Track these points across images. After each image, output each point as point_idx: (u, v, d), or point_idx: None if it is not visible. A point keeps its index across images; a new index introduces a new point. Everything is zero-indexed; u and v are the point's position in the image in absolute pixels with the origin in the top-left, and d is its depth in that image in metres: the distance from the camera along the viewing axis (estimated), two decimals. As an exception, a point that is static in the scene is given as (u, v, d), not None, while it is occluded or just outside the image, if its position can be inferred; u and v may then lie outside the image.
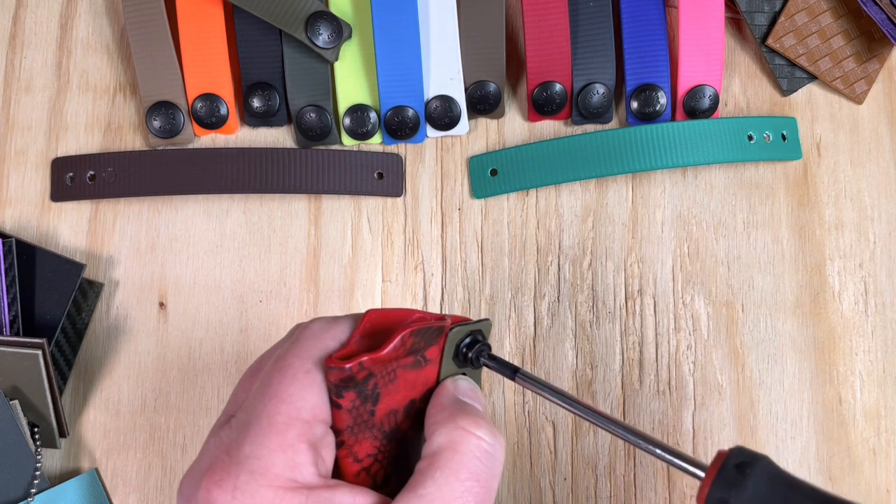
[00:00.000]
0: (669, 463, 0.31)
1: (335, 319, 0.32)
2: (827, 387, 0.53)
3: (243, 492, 0.28)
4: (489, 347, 0.34)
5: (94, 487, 0.51)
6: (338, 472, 0.32)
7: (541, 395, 0.34)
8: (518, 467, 0.52)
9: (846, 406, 0.53)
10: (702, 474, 0.30)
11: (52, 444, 0.50)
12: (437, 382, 0.33)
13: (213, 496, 0.28)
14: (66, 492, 0.50)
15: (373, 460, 0.32)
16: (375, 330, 0.32)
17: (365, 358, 0.30)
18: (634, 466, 0.52)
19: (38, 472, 0.48)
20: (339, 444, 0.31)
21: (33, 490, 0.48)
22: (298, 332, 0.32)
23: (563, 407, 0.33)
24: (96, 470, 0.51)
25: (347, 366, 0.29)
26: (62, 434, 0.50)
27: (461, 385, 0.33)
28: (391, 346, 0.30)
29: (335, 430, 0.31)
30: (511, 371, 0.34)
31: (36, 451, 0.49)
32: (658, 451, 0.31)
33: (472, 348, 0.34)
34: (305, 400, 0.30)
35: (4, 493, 0.47)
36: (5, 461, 0.47)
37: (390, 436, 0.32)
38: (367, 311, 0.32)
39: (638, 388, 0.52)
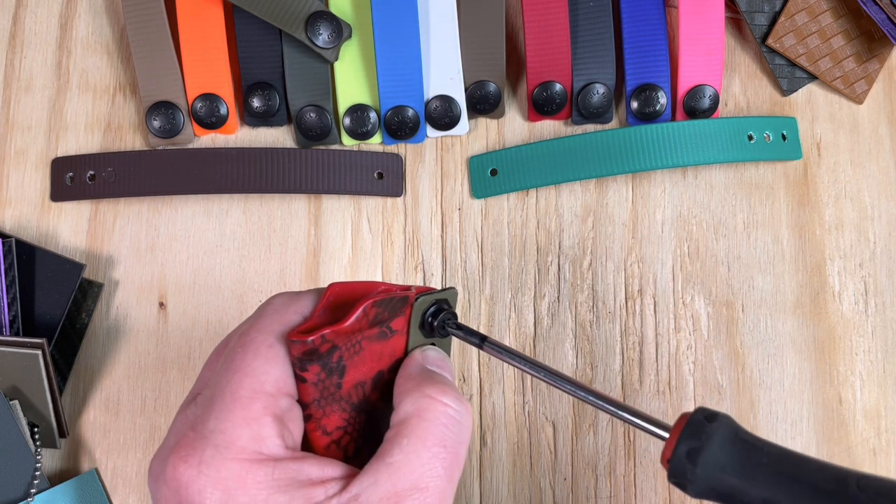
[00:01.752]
0: (635, 425, 0.31)
1: (298, 294, 0.32)
2: (827, 387, 0.53)
3: (209, 466, 0.28)
4: (455, 316, 0.34)
5: (94, 487, 0.51)
6: (307, 446, 0.32)
7: (508, 362, 0.34)
8: (518, 467, 0.52)
9: (846, 406, 0.53)
10: (666, 435, 0.31)
11: (51, 444, 0.50)
12: (406, 353, 0.33)
13: (180, 472, 0.28)
14: (66, 492, 0.50)
15: (342, 433, 0.32)
16: (339, 303, 0.32)
17: (327, 331, 0.30)
18: (634, 466, 0.52)
19: (37, 472, 0.48)
20: (307, 418, 0.31)
21: (33, 490, 0.48)
22: (261, 308, 0.32)
23: (530, 373, 0.33)
24: (96, 470, 0.51)
25: (309, 339, 0.29)
26: (62, 434, 0.50)
27: (429, 355, 0.33)
28: (353, 317, 0.30)
29: (302, 403, 0.31)
30: (478, 339, 0.34)
31: (36, 451, 0.49)
32: (624, 414, 0.32)
33: (438, 317, 0.34)
34: (268, 374, 0.30)
35: (4, 493, 0.47)
36: (5, 461, 0.47)
37: (359, 408, 0.32)
38: (330, 285, 0.32)
39: (638, 388, 0.52)
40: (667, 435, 0.31)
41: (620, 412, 0.32)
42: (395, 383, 0.32)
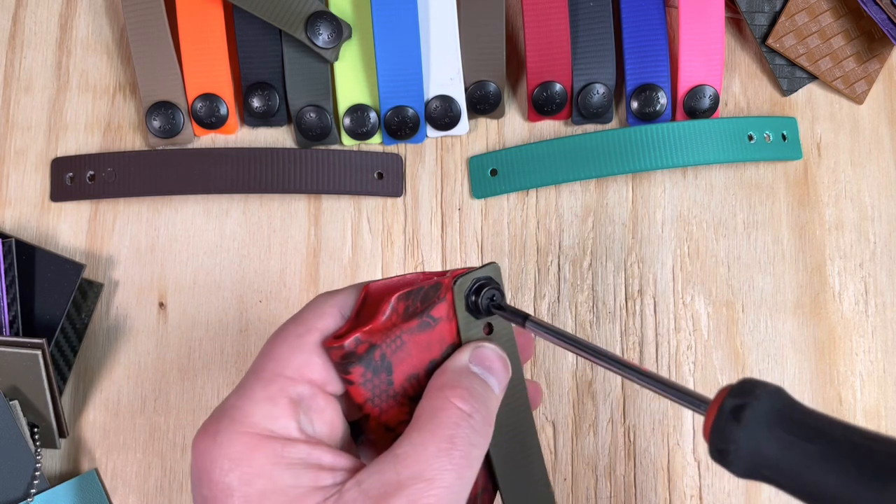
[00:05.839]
0: (680, 402, 0.30)
1: (339, 290, 0.33)
2: (827, 387, 0.53)
3: (222, 436, 0.29)
4: (501, 294, 0.33)
5: (94, 488, 0.51)
6: (378, 446, 0.32)
7: (552, 341, 0.32)
8: (518, 467, 0.51)
9: (846, 406, 0.53)
10: (706, 408, 0.29)
11: (51, 445, 0.50)
12: (460, 339, 0.33)
13: (199, 440, 0.30)
14: (66, 492, 0.50)
15: (406, 426, 0.32)
16: (376, 301, 0.32)
17: (358, 332, 0.30)
18: (634, 467, 0.51)
19: (37, 473, 0.48)
20: (366, 418, 0.31)
21: (33, 490, 0.48)
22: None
23: (575, 352, 0.32)
24: (96, 470, 0.51)
25: (344, 343, 0.30)
26: (62, 434, 0.50)
27: (479, 353, 0.33)
28: (383, 315, 0.30)
29: (356, 405, 0.31)
30: (521, 318, 0.32)
31: (35, 451, 0.49)
32: (670, 390, 0.30)
33: (481, 295, 0.32)
34: (291, 360, 0.31)
35: (4, 494, 0.47)
36: (5, 461, 0.47)
37: (418, 399, 0.32)
38: (365, 286, 0.32)
39: (638, 388, 0.52)
40: (706, 409, 0.29)
41: (666, 390, 0.30)
42: (433, 375, 0.32)
